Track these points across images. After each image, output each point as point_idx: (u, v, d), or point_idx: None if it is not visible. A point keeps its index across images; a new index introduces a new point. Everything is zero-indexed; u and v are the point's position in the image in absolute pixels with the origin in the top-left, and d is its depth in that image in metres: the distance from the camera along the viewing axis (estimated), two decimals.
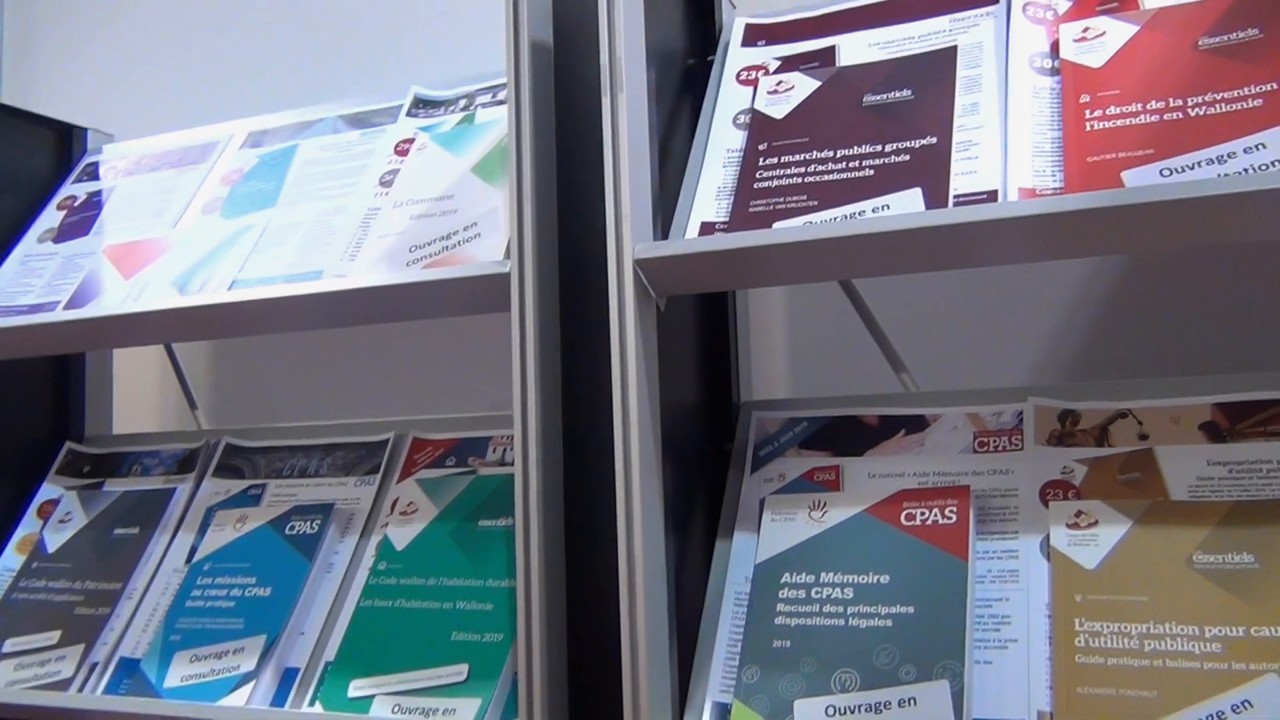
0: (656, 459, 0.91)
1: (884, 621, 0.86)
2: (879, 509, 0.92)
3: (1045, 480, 0.91)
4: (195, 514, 1.25)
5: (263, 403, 1.56)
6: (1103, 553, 0.84)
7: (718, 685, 0.90)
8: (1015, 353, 1.18)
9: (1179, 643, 0.79)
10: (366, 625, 1.06)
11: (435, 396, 1.46)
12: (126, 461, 1.36)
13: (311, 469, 1.24)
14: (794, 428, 1.03)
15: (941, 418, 0.98)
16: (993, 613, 0.86)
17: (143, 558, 1.23)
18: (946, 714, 0.79)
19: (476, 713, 0.96)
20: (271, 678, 1.06)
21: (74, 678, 1.15)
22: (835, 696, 0.83)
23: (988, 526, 0.90)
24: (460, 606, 1.04)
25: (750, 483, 1.01)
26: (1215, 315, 1.12)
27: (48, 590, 1.25)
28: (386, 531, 1.13)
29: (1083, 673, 0.80)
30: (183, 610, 1.15)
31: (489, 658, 0.99)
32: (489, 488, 1.11)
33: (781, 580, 0.91)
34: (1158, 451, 0.89)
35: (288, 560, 1.14)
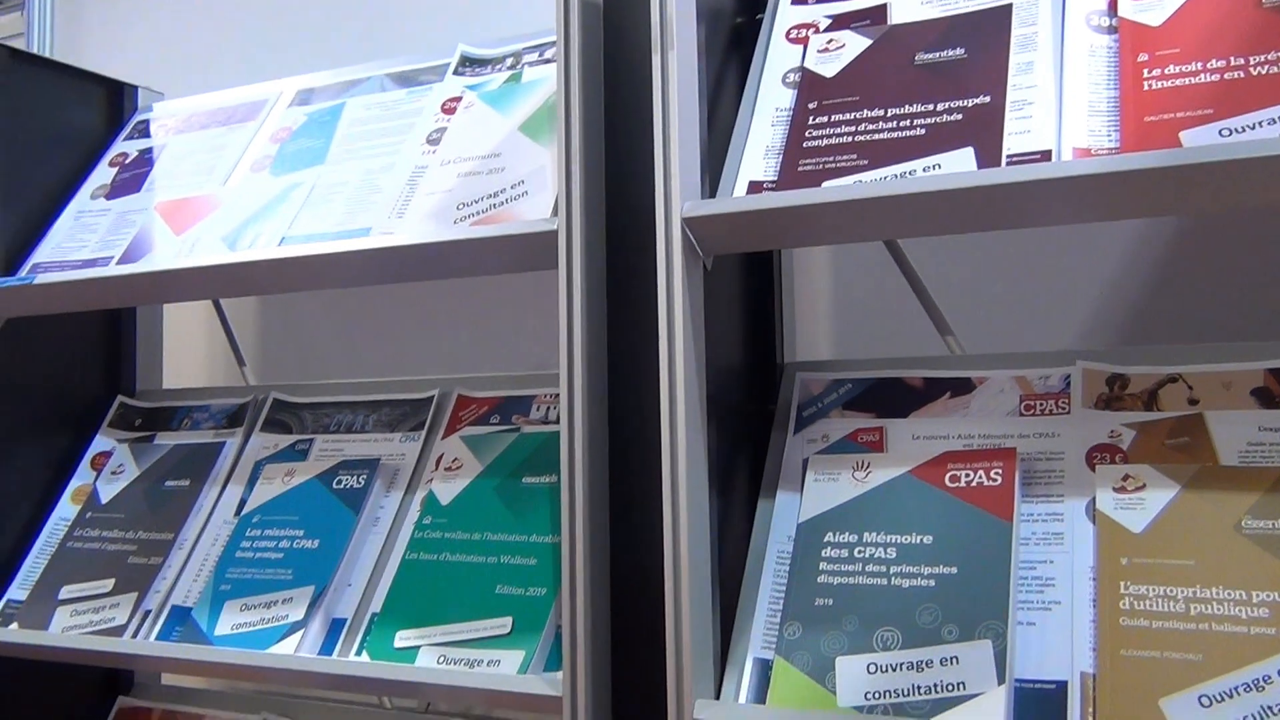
0: (701, 418, 0.91)
1: (927, 581, 0.86)
2: (923, 470, 0.92)
3: (1092, 444, 0.91)
4: (244, 468, 1.27)
5: (309, 360, 1.58)
6: (1149, 516, 0.84)
7: (759, 642, 0.91)
8: (1063, 317, 1.17)
9: (1225, 607, 0.78)
10: (412, 578, 1.08)
11: (480, 355, 1.47)
12: (177, 416, 1.38)
13: (358, 425, 1.26)
14: (838, 389, 1.03)
15: (988, 380, 0.98)
16: (1036, 575, 0.86)
17: (193, 509, 1.25)
18: (989, 673, 0.80)
19: (520, 664, 0.97)
20: (319, 627, 1.09)
21: (127, 624, 1.18)
22: (877, 654, 0.84)
23: (1033, 489, 0.90)
24: (504, 561, 1.05)
25: (794, 443, 1.01)
26: (1271, 280, 1.11)
27: (101, 540, 1.28)
28: (431, 487, 1.14)
29: (1127, 635, 0.79)
30: (232, 561, 1.18)
31: (533, 611, 1.01)
32: (533, 445, 1.12)
33: (824, 539, 0.92)
34: (1208, 416, 0.88)
35: (335, 513, 1.16)
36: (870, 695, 0.82)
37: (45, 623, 1.22)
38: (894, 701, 0.81)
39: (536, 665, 0.97)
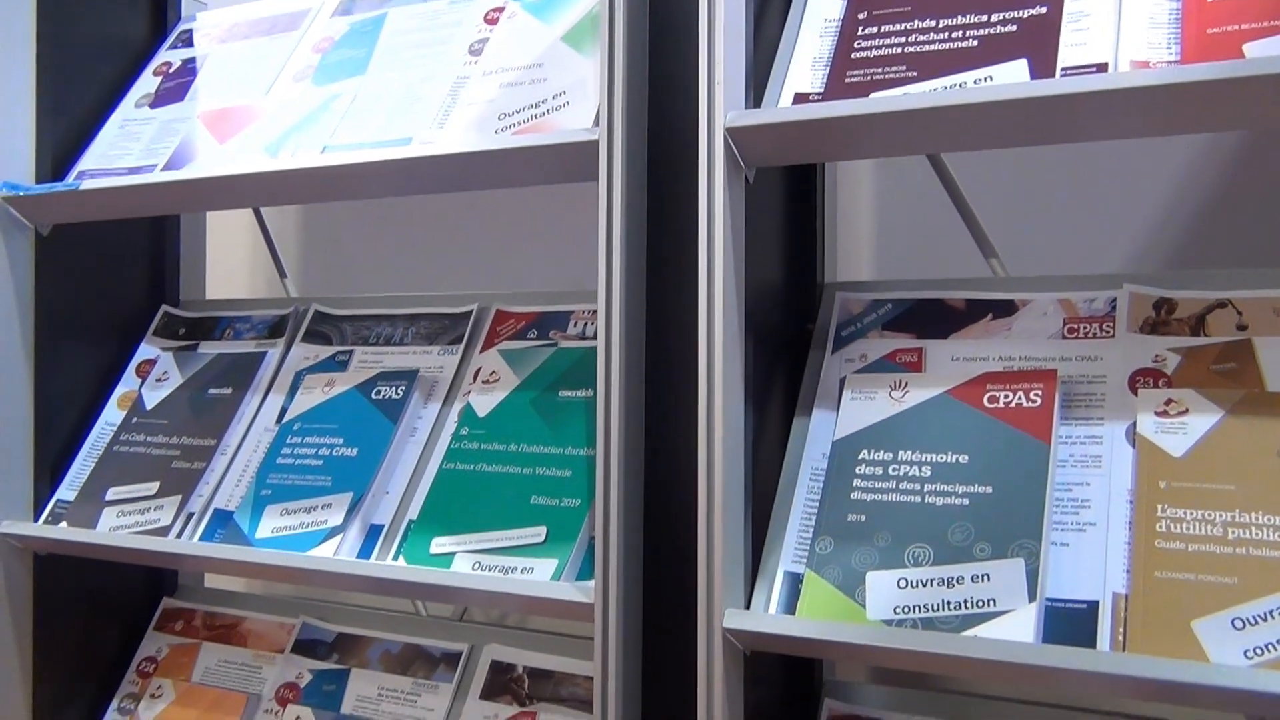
0: (739, 335, 0.91)
1: (961, 500, 0.86)
2: (961, 390, 0.91)
3: (1136, 368, 0.89)
4: (285, 377, 1.29)
5: (349, 273, 1.59)
6: (1191, 441, 0.83)
7: (790, 555, 0.92)
8: (1111, 242, 1.15)
9: (1265, 532, 0.77)
10: (448, 487, 1.10)
11: (518, 271, 1.47)
12: (219, 326, 1.40)
13: (396, 337, 1.27)
14: (878, 309, 1.02)
15: (1031, 303, 0.96)
16: (1072, 496, 0.86)
17: (235, 417, 1.28)
18: (1020, 591, 0.80)
19: (553, 572, 0.98)
20: (357, 533, 1.11)
21: (171, 526, 1.21)
22: (908, 570, 0.84)
23: (1072, 412, 0.89)
24: (539, 472, 1.06)
25: (831, 362, 1.01)
26: None
27: (146, 444, 1.30)
28: (469, 399, 1.15)
29: (1162, 557, 0.79)
30: (273, 467, 1.20)
31: (567, 521, 1.02)
32: (570, 359, 1.13)
33: (859, 457, 0.91)
34: (1256, 342, 0.87)
35: (373, 423, 1.17)
36: (900, 609, 0.83)
37: (93, 522, 1.25)
38: (923, 616, 0.82)
39: (569, 574, 0.98)
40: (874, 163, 1.27)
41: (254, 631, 1.37)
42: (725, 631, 0.86)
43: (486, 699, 1.19)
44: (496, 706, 1.18)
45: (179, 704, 1.32)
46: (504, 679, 1.19)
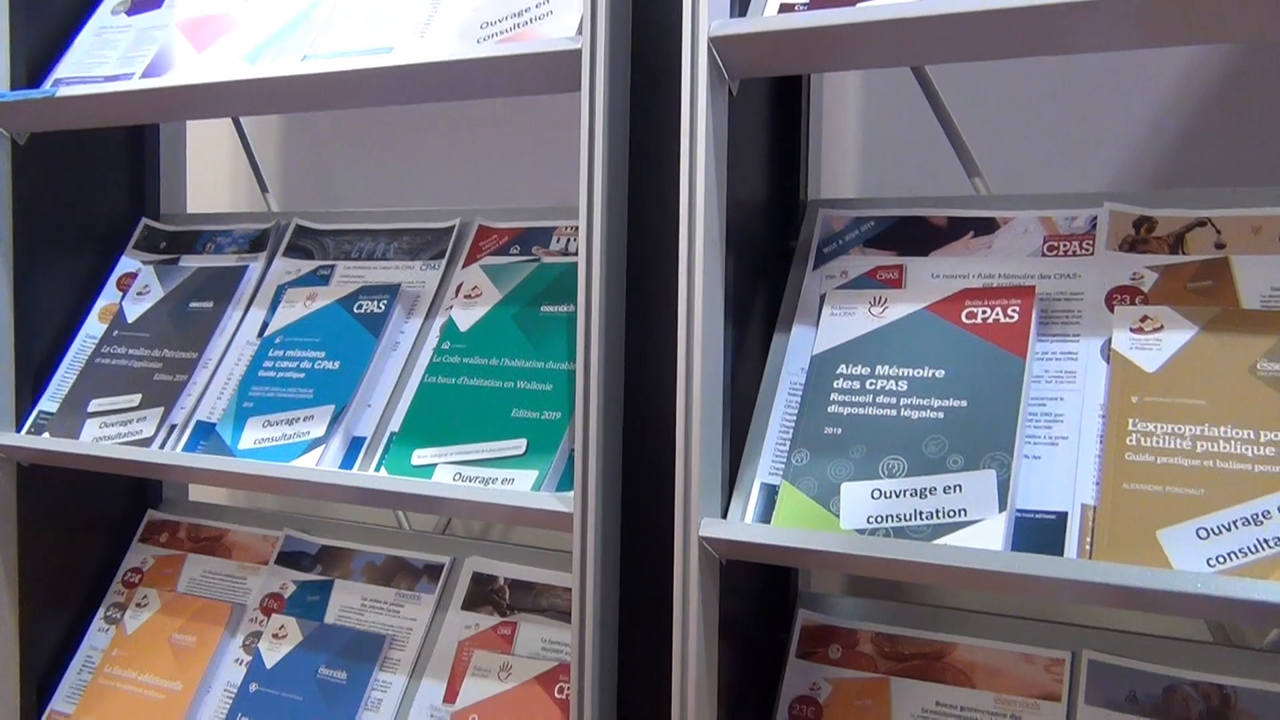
0: (720, 250, 0.91)
1: (936, 413, 0.87)
2: (940, 306, 0.91)
3: (1113, 285, 0.90)
4: (267, 291, 1.29)
5: (331, 188, 1.57)
6: (1165, 356, 0.84)
7: (767, 468, 0.93)
8: (1095, 162, 1.15)
9: (1232, 445, 0.79)
10: (430, 400, 1.10)
11: (501, 187, 1.46)
12: (201, 239, 1.39)
13: (379, 252, 1.26)
14: (860, 226, 1.02)
15: (1012, 221, 0.96)
16: (1046, 411, 0.87)
17: (217, 330, 1.27)
18: (991, 501, 0.81)
19: (534, 483, 1.00)
20: (339, 444, 1.11)
21: (154, 437, 1.21)
22: (882, 481, 0.85)
23: (1049, 329, 0.90)
24: (520, 386, 1.07)
25: (812, 278, 1.01)
26: None
27: (128, 357, 1.30)
28: (451, 313, 1.15)
29: (1131, 469, 0.80)
30: (255, 380, 1.20)
31: (547, 434, 1.03)
32: (552, 275, 1.13)
33: (837, 371, 0.92)
34: (1233, 260, 0.87)
35: (355, 336, 1.17)
36: (873, 519, 0.84)
37: (75, 433, 1.25)
38: (896, 525, 0.83)
39: (549, 485, 1.00)
40: (859, 79, 1.26)
41: (238, 544, 1.38)
42: (701, 540, 0.87)
43: (468, 609, 1.21)
44: (478, 616, 1.20)
45: (164, 613, 1.33)
46: (485, 590, 1.21)
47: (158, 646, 1.31)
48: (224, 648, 1.29)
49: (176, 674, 1.28)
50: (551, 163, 1.44)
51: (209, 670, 1.27)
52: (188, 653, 1.29)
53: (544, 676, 1.10)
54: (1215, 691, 0.91)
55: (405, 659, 1.20)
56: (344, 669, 1.20)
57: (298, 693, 1.21)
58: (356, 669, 1.20)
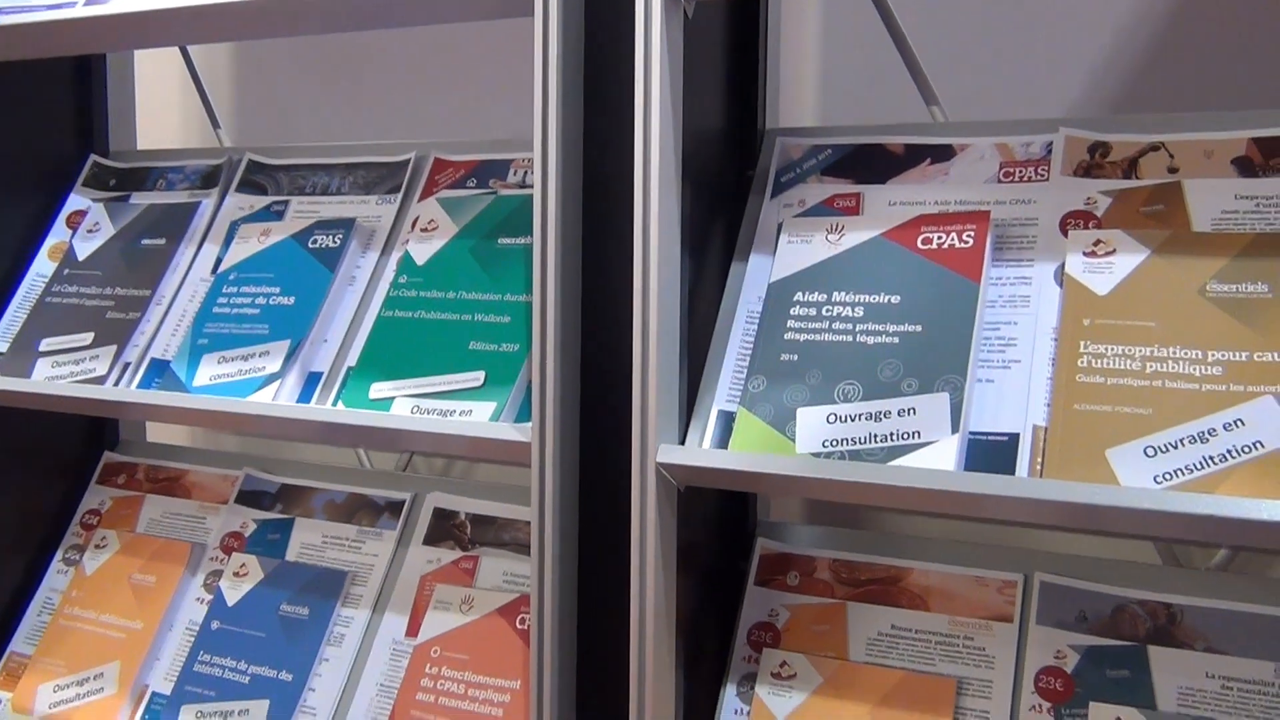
0: (676, 179, 0.90)
1: (891, 339, 0.87)
2: (896, 233, 0.92)
3: (1067, 210, 0.90)
4: (220, 227, 1.27)
5: (284, 123, 1.55)
6: (1116, 279, 0.85)
7: (724, 395, 0.93)
8: (1053, 89, 1.15)
9: (1181, 365, 0.80)
10: (387, 334, 1.09)
11: (457, 122, 1.44)
12: (151, 176, 1.36)
13: (333, 187, 1.24)
14: (817, 155, 1.01)
15: (969, 148, 0.96)
16: (999, 335, 0.87)
17: (169, 267, 1.26)
18: (944, 423, 0.82)
19: (492, 414, 0.99)
20: (296, 380, 1.10)
21: (108, 375, 1.20)
22: (837, 405, 0.86)
23: (1004, 254, 0.90)
24: (478, 319, 1.06)
25: (769, 207, 1.01)
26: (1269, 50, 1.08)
27: (80, 295, 1.28)
28: (407, 247, 1.14)
29: (1082, 390, 0.81)
30: (209, 316, 1.18)
31: (505, 366, 1.02)
32: (509, 207, 1.12)
33: (793, 299, 0.92)
34: (1186, 184, 0.88)
35: (311, 271, 1.16)
36: (828, 443, 0.85)
37: (27, 373, 1.24)
38: (851, 449, 0.84)
39: (508, 416, 0.99)
40: (818, 6, 1.25)
41: (197, 484, 1.37)
42: (659, 466, 0.88)
43: (429, 544, 1.21)
44: (439, 551, 1.20)
45: (124, 553, 1.33)
46: (447, 525, 1.21)
47: (118, 587, 1.30)
48: (185, 587, 1.29)
49: (137, 613, 1.27)
50: (509, 95, 1.42)
51: (170, 609, 1.27)
52: (148, 592, 1.29)
53: (505, 608, 1.11)
54: (1162, 610, 0.93)
55: (367, 594, 1.20)
56: (306, 605, 1.20)
57: (260, 629, 1.21)
58: (319, 605, 1.20)
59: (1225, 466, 0.75)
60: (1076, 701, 0.92)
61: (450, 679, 1.09)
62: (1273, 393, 0.76)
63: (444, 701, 1.08)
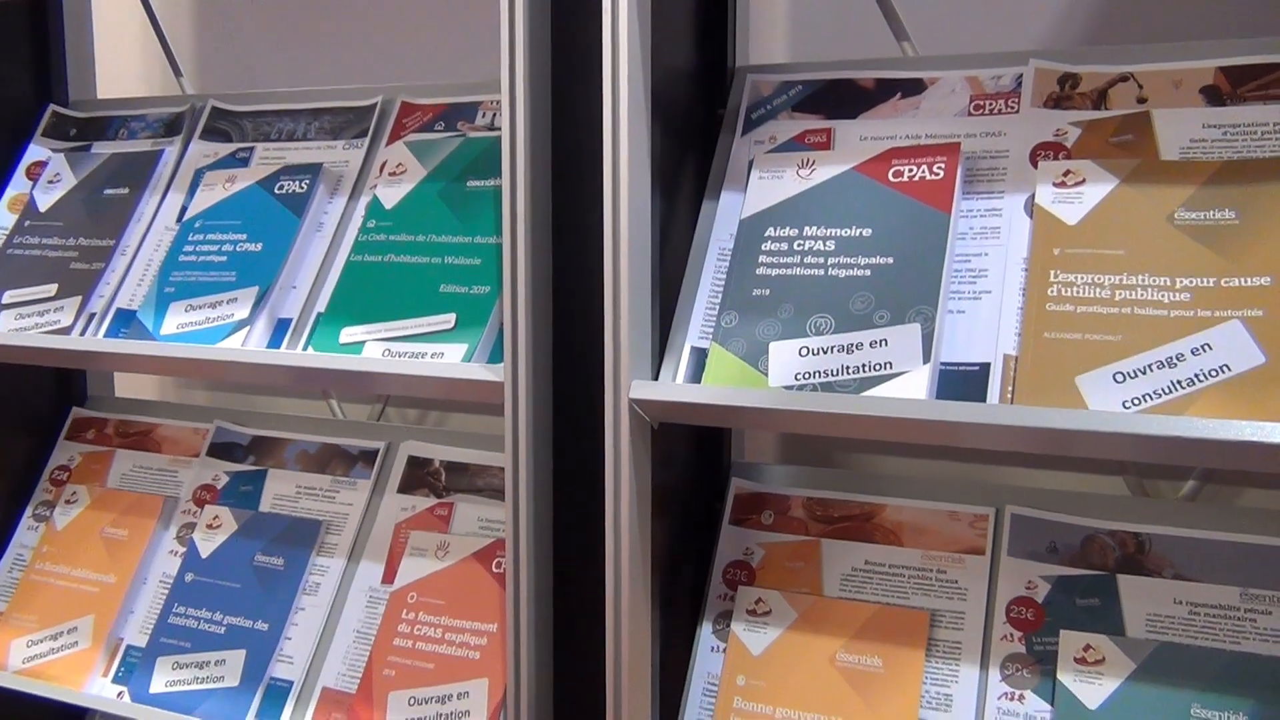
0: (646, 119, 0.90)
1: (863, 271, 0.87)
2: (867, 166, 0.91)
3: (1037, 142, 0.90)
4: (184, 175, 1.25)
5: (248, 68, 1.52)
6: (1086, 209, 0.85)
7: (696, 332, 0.93)
8: (1023, 23, 1.14)
9: (1150, 292, 0.80)
10: (356, 279, 1.08)
11: (423, 65, 1.42)
12: (112, 125, 1.34)
13: (299, 133, 1.23)
14: (788, 91, 1.01)
15: (939, 81, 0.96)
16: (970, 267, 0.87)
17: (133, 216, 1.24)
18: (915, 354, 0.82)
19: (464, 356, 0.99)
20: (265, 326, 1.09)
21: (73, 326, 1.18)
22: (810, 339, 0.86)
23: (975, 186, 0.90)
24: (448, 261, 1.05)
25: (740, 144, 1.00)
26: None
27: (42, 246, 1.26)
28: (375, 191, 1.13)
29: (1052, 319, 0.82)
30: (176, 265, 1.17)
31: (476, 308, 1.02)
32: (477, 149, 1.10)
33: (765, 234, 0.92)
34: (1154, 114, 0.88)
35: (278, 217, 1.14)
36: (800, 376, 0.85)
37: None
38: (823, 381, 0.84)
39: (480, 357, 0.99)
40: None
41: (168, 438, 1.36)
42: (632, 402, 0.88)
43: (404, 492, 1.21)
44: (414, 499, 1.20)
45: (95, 508, 1.32)
46: (421, 473, 1.21)
47: (90, 541, 1.29)
48: (158, 540, 1.28)
49: (110, 567, 1.26)
50: (476, 37, 1.40)
51: (143, 562, 1.26)
52: (121, 546, 1.28)
53: (481, 553, 1.11)
54: (1131, 539, 0.94)
55: (342, 543, 1.20)
56: (281, 556, 1.20)
57: (235, 580, 1.20)
58: (293, 555, 1.20)
59: (1193, 390, 0.76)
60: (1047, 630, 0.93)
61: (427, 624, 1.09)
62: (1239, 317, 0.77)
63: (421, 646, 1.08)
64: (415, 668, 1.07)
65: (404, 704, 1.05)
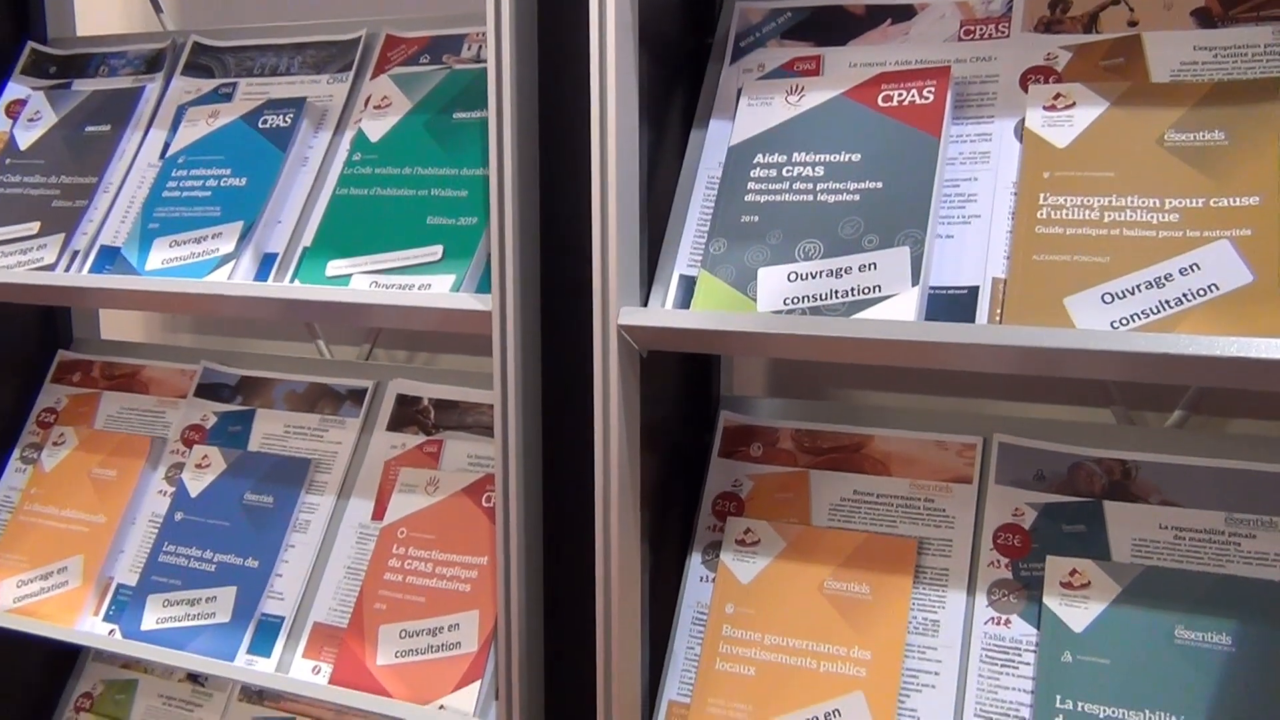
0: (633, 49, 0.89)
1: (852, 196, 0.87)
2: (856, 92, 0.90)
3: (1028, 66, 0.89)
4: (166, 111, 1.23)
5: (226, 4, 1.50)
6: (1076, 132, 0.84)
7: (685, 260, 0.92)
8: None
9: (1138, 214, 0.80)
10: (342, 212, 1.07)
11: None
12: (92, 62, 1.32)
13: (282, 67, 1.21)
14: (777, 18, 1.00)
15: (929, 6, 0.95)
16: (959, 191, 0.87)
17: (116, 153, 1.22)
18: (904, 277, 0.82)
19: (451, 286, 0.98)
20: (250, 260, 1.08)
21: (56, 263, 1.17)
22: (798, 264, 0.86)
23: (965, 111, 0.90)
24: (435, 194, 1.04)
25: (729, 73, 0.99)
26: None
27: (23, 184, 1.25)
28: (360, 125, 1.11)
29: (1040, 241, 0.81)
30: (160, 201, 1.16)
31: (463, 239, 1.01)
32: (464, 81, 1.09)
33: (754, 161, 0.91)
34: (1145, 37, 0.87)
35: (262, 152, 1.13)
36: (789, 300, 0.85)
37: None
38: (812, 305, 0.84)
39: (467, 288, 0.98)
40: None
41: (155, 379, 1.35)
42: (620, 329, 0.87)
43: (393, 430, 1.21)
44: (403, 436, 1.20)
45: (83, 449, 1.31)
46: (410, 411, 1.21)
47: (78, 482, 1.29)
48: (146, 480, 1.28)
49: (99, 507, 1.26)
50: None
51: (132, 502, 1.26)
52: (110, 486, 1.28)
53: (471, 487, 1.11)
54: (1118, 466, 0.95)
55: (332, 481, 1.20)
56: (270, 494, 1.20)
57: (225, 519, 1.20)
58: (283, 493, 1.20)
59: (1181, 309, 0.76)
60: (1033, 556, 0.94)
61: (418, 558, 1.09)
62: (1228, 237, 0.77)
63: (412, 580, 1.08)
64: (406, 601, 1.08)
65: (395, 636, 1.06)
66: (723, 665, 0.97)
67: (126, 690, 1.37)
